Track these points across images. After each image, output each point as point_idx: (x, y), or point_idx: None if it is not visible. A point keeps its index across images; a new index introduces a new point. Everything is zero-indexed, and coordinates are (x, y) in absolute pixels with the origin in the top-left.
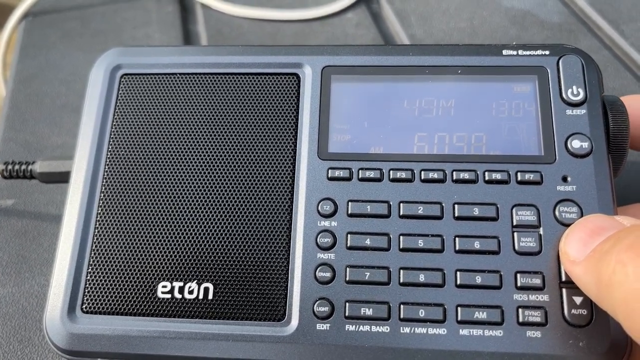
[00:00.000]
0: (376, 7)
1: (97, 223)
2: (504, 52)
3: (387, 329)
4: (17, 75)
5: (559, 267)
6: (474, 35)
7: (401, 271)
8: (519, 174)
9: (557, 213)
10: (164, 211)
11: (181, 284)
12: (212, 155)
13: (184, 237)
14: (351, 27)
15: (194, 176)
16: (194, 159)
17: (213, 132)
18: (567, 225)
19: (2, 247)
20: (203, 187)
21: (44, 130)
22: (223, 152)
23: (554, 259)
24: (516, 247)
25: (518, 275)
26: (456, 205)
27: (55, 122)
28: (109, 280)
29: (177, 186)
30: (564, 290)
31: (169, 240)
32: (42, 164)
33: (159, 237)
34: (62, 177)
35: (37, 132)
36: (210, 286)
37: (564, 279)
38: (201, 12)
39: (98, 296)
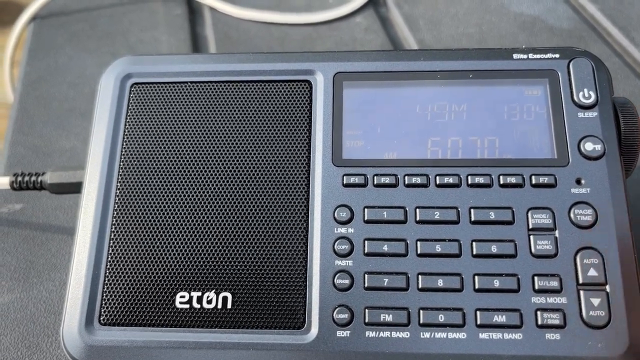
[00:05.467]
0: (384, 11)
1: (112, 234)
2: (515, 55)
3: (407, 335)
4: (25, 78)
5: (576, 269)
6: (483, 41)
7: (419, 277)
8: (533, 177)
9: (572, 215)
10: (179, 221)
11: (199, 293)
12: (226, 164)
13: (201, 247)
14: (360, 32)
15: (208, 185)
16: (207, 167)
17: (226, 140)
18: (583, 228)
19: (11, 252)
20: (218, 195)
21: (52, 134)
22: (237, 161)
23: (570, 261)
24: (533, 250)
25: (535, 278)
26: (472, 210)
27: (64, 126)
28: (126, 292)
29: (192, 195)
30: (581, 292)
31: (185, 250)
32: (52, 175)
33: (175, 247)
34: (73, 188)
35: (46, 135)
36: (229, 295)
37: (581, 280)
38: (209, 15)
39: (115, 308)
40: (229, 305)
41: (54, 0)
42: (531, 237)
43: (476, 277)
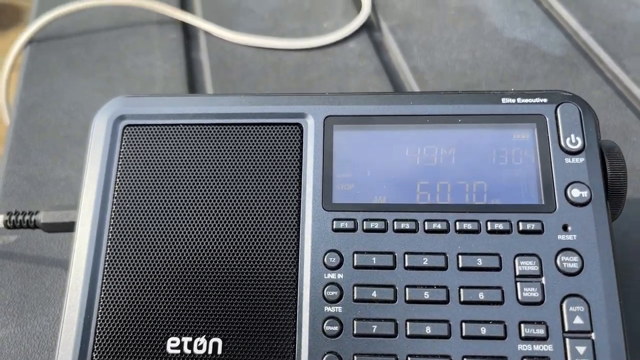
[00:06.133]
0: (378, 36)
1: (105, 278)
2: (503, 100)
3: None
4: (21, 103)
5: (562, 317)
6: (476, 68)
7: (408, 323)
8: (520, 223)
9: (558, 262)
10: (171, 265)
11: (190, 339)
12: (217, 207)
13: (192, 291)
14: (353, 58)
15: (199, 229)
16: (198, 211)
17: (217, 183)
18: (569, 275)
19: (5, 285)
20: (209, 240)
21: (47, 162)
22: (228, 204)
23: (556, 309)
24: (519, 297)
25: (522, 325)
26: (460, 256)
27: (59, 154)
28: (118, 336)
29: (183, 239)
30: (567, 339)
31: (177, 295)
32: (45, 214)
33: (167, 291)
34: (67, 227)
35: (41, 164)
36: (219, 341)
37: (567, 328)
38: (204, 39)
39: (107, 353)
40: (220, 351)
41: (51, 23)
42: (518, 283)
43: (463, 324)
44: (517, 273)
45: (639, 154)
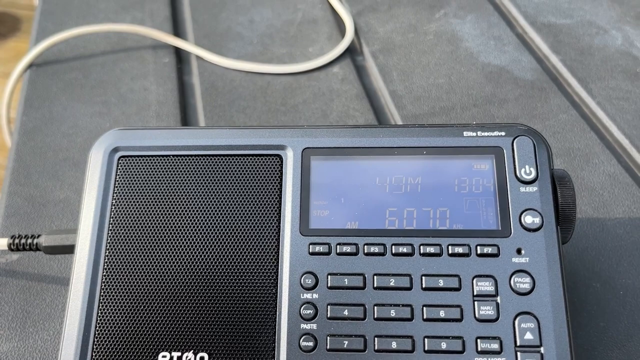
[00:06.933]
0: (361, 60)
1: (101, 297)
2: (465, 133)
3: None
4: (21, 127)
5: (515, 333)
6: (451, 92)
7: (376, 339)
8: (478, 247)
9: (512, 283)
10: (162, 285)
11: (179, 354)
12: (204, 232)
13: (181, 310)
14: (337, 82)
15: (187, 253)
16: (187, 235)
17: (205, 210)
18: (521, 294)
19: (8, 301)
20: (195, 262)
21: (47, 184)
22: (214, 229)
23: (510, 325)
24: (477, 315)
25: (478, 340)
26: (423, 277)
27: (58, 176)
28: (114, 351)
29: (172, 263)
30: (519, 353)
31: (168, 313)
32: (47, 238)
33: (158, 309)
34: (66, 250)
35: (41, 186)
36: (206, 356)
37: (518, 343)
38: (196, 63)
39: None
40: None
41: (49, 48)
42: (476, 302)
43: (426, 340)
44: (475, 293)
45: (599, 176)
